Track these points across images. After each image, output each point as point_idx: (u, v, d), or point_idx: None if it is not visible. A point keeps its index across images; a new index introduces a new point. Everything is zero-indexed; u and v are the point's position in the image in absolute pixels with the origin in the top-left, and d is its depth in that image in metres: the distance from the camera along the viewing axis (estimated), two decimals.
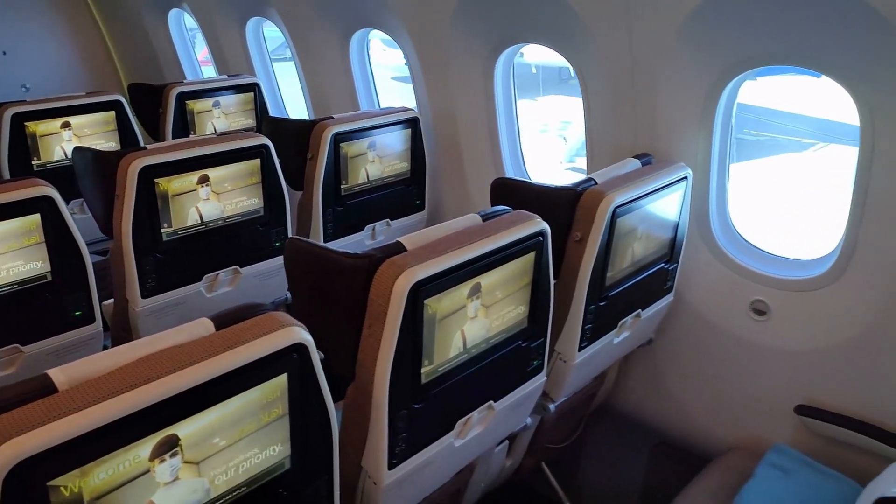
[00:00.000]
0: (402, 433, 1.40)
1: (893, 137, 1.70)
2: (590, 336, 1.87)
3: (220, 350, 1.01)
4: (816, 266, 2.02)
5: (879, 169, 1.74)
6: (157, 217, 2.05)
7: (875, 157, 1.75)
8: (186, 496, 1.02)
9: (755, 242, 2.19)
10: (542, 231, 1.55)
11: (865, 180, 1.77)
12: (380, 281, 1.30)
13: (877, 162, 1.75)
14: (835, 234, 1.97)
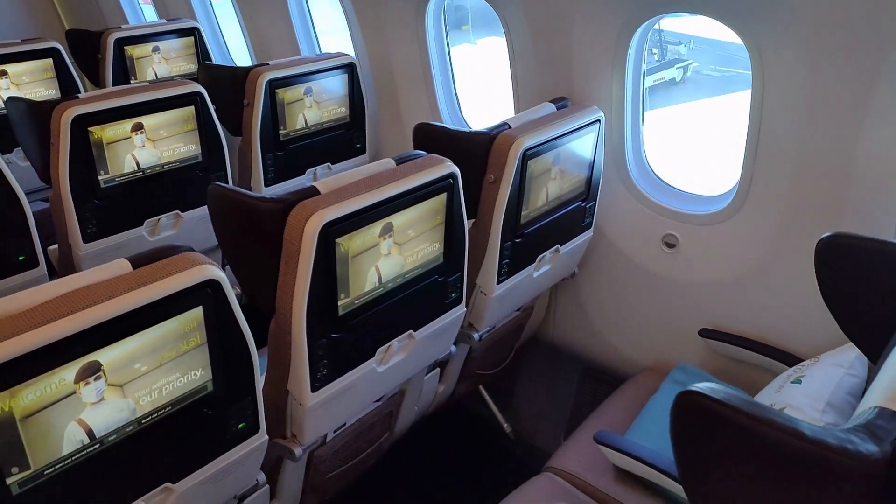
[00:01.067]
0: (323, 360, 1.54)
1: (779, 79, 1.83)
2: (507, 270, 2.02)
3: (135, 286, 1.13)
4: (719, 201, 2.18)
5: (769, 108, 1.88)
6: (93, 165, 2.11)
7: (765, 97, 1.88)
8: (113, 415, 1.15)
9: (668, 181, 2.34)
10: (453, 174, 1.66)
11: (757, 119, 1.91)
12: (292, 223, 1.41)
13: (766, 101, 1.88)
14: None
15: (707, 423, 0.85)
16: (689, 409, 0.86)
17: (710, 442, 0.87)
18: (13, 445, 1.03)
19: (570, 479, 1.90)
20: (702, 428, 0.86)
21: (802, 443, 0.78)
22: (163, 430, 1.24)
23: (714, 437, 0.86)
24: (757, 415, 0.80)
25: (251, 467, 1.49)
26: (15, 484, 1.05)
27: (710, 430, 0.86)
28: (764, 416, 0.80)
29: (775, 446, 0.80)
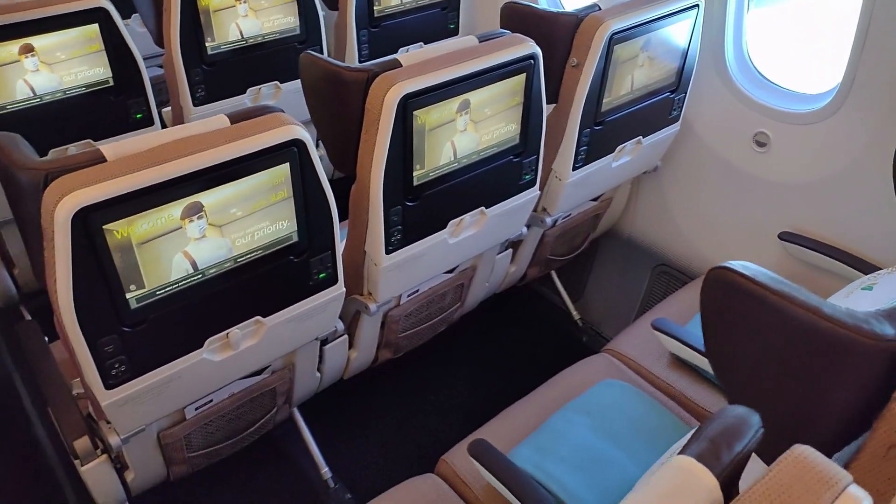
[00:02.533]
0: (397, 226, 1.66)
1: None
2: (584, 158, 2.04)
3: (232, 139, 1.27)
4: (818, 100, 2.07)
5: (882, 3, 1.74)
6: (201, 31, 2.25)
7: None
8: (213, 251, 1.33)
9: (768, 75, 2.23)
10: (533, 54, 1.68)
11: (868, 14, 1.78)
12: (374, 93, 1.50)
13: None
14: None
15: (733, 296, 0.91)
16: (717, 282, 0.91)
17: (736, 314, 0.93)
18: (131, 266, 1.22)
19: (625, 361, 2.00)
20: (728, 300, 0.92)
21: (821, 319, 0.83)
22: (255, 270, 1.41)
23: (739, 310, 0.92)
24: (779, 290, 0.85)
25: (330, 315, 1.67)
26: (133, 299, 1.26)
27: (736, 303, 0.91)
28: (785, 292, 0.85)
29: (795, 321, 0.85)
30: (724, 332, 0.96)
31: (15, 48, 1.94)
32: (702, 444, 0.69)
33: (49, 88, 2.07)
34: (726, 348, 0.96)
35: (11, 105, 2.01)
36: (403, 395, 2.53)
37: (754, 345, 0.93)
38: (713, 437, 0.70)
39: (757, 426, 0.71)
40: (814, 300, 0.85)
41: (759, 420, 0.72)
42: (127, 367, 1.32)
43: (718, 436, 0.70)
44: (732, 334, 0.95)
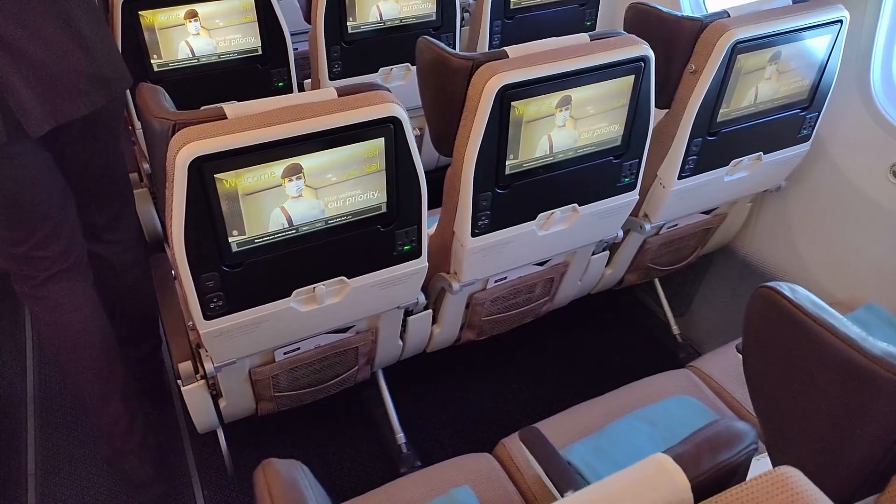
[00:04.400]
0: (486, 210, 1.73)
1: None
2: (693, 167, 1.99)
3: (335, 110, 1.39)
4: None
5: None
6: (344, 10, 2.42)
7: None
8: (307, 210, 1.46)
9: None
10: (645, 57, 1.66)
11: None
12: (476, 81, 1.56)
13: None
14: None
15: (775, 317, 0.89)
16: (762, 301, 0.90)
17: (776, 336, 0.91)
18: (235, 214, 1.38)
19: (706, 380, 1.94)
20: (770, 321, 0.90)
21: (857, 353, 0.80)
22: (343, 233, 1.54)
23: (778, 332, 0.90)
24: (819, 318, 0.83)
25: (412, 286, 1.77)
26: (234, 243, 1.42)
27: (776, 325, 0.89)
28: (825, 320, 0.82)
29: (831, 351, 0.82)
30: (763, 355, 0.93)
31: (182, 13, 2.22)
32: (685, 446, 0.70)
33: (206, 51, 2.33)
34: (763, 371, 0.94)
35: (173, 63, 2.28)
36: (482, 379, 2.60)
37: (791, 370, 0.90)
38: (699, 441, 0.71)
39: (749, 441, 0.71)
40: (854, 332, 0.81)
41: (754, 436, 0.72)
42: (224, 302, 1.49)
43: (705, 442, 0.70)
44: (770, 357, 0.92)
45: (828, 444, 0.87)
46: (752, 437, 0.72)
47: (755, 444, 0.72)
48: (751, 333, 0.94)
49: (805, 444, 0.71)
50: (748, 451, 0.71)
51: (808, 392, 0.89)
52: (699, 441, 0.71)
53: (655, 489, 0.67)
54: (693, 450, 0.70)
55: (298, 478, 0.69)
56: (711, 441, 0.71)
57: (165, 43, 2.25)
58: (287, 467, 0.70)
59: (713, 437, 0.71)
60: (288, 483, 0.68)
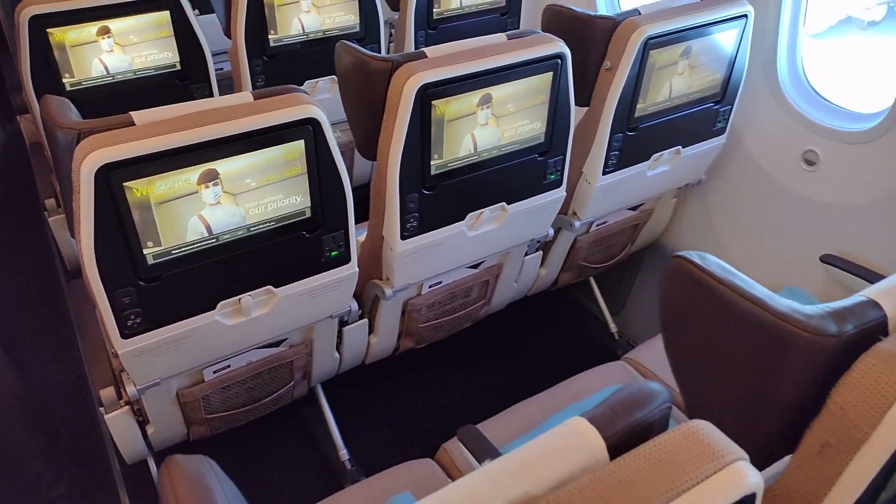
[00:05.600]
0: (414, 213, 1.72)
1: None
2: (616, 163, 2.03)
3: (251, 113, 1.36)
4: (870, 119, 1.98)
5: None
6: (264, 23, 2.40)
7: None
8: (227, 217, 1.42)
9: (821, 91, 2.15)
10: (561, 54, 1.70)
11: None
12: (395, 82, 1.56)
13: None
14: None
15: (688, 286, 0.90)
16: (675, 272, 0.91)
17: (690, 304, 0.92)
18: (149, 224, 1.33)
19: (641, 371, 1.97)
20: (684, 289, 0.92)
21: (766, 312, 0.82)
22: (267, 240, 1.50)
23: (693, 300, 0.91)
24: (728, 281, 0.85)
25: (344, 293, 1.74)
26: (150, 255, 1.37)
27: (690, 293, 0.91)
28: (734, 284, 0.84)
29: (742, 313, 0.84)
30: (680, 324, 0.95)
31: (94, 29, 2.14)
32: (600, 408, 0.70)
33: (121, 68, 2.26)
34: (681, 340, 0.96)
35: (87, 81, 2.20)
36: (424, 387, 2.57)
37: (706, 336, 0.92)
38: (613, 404, 0.71)
39: (662, 400, 0.71)
40: (761, 293, 0.83)
41: (667, 395, 0.72)
42: (142, 319, 1.43)
43: (618, 403, 0.71)
44: (687, 326, 0.94)
45: (744, 406, 0.88)
46: (665, 396, 0.72)
47: (668, 402, 0.72)
48: (667, 304, 0.95)
49: (724, 409, 0.72)
50: (661, 410, 0.71)
51: (723, 355, 0.90)
52: (613, 403, 0.71)
53: (572, 450, 0.66)
54: (607, 411, 0.70)
55: (205, 472, 0.65)
56: (624, 402, 0.71)
57: (77, 61, 2.17)
58: (193, 462, 0.66)
59: (626, 398, 0.71)
60: (194, 479, 0.64)
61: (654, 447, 0.65)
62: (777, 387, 0.83)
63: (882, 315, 0.83)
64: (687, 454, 0.64)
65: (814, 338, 0.79)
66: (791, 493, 0.83)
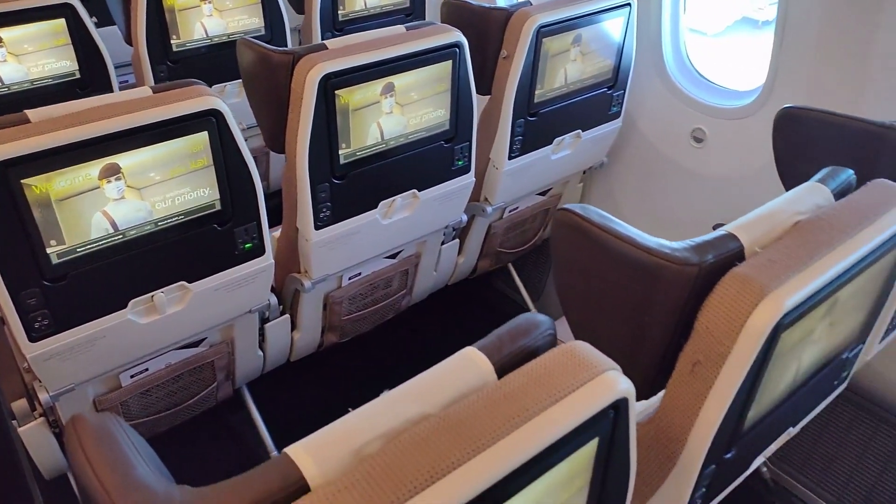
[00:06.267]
0: (326, 202, 1.75)
1: None
2: (521, 147, 2.12)
3: (150, 106, 1.37)
4: (747, 96, 2.16)
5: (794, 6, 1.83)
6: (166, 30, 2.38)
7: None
8: (132, 212, 1.42)
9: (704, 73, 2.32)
10: (458, 43, 1.77)
11: (784, 12, 1.87)
12: (298, 73, 1.59)
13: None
14: None
15: (571, 234, 0.98)
16: (559, 223, 0.99)
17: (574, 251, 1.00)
18: (51, 222, 1.32)
19: None
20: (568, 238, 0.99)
21: (636, 249, 0.90)
22: (177, 235, 1.50)
23: (576, 247, 0.99)
24: (602, 224, 0.93)
25: (260, 287, 1.76)
26: (53, 254, 1.35)
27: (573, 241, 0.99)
28: (607, 226, 0.92)
29: (616, 252, 0.92)
30: (567, 271, 1.03)
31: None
32: (489, 339, 0.77)
33: (17, 79, 2.19)
34: (570, 287, 1.03)
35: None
36: (351, 380, 2.59)
37: (592, 281, 1.00)
38: (500, 333, 0.77)
39: (545, 328, 0.78)
40: (633, 233, 0.92)
41: (549, 323, 0.79)
42: (50, 321, 1.40)
43: (505, 332, 0.77)
44: (573, 272, 1.02)
45: (629, 341, 0.97)
46: (548, 324, 0.79)
47: (552, 330, 0.79)
48: (557, 256, 1.03)
49: (612, 347, 0.79)
50: (545, 336, 0.78)
51: (607, 297, 0.98)
52: (501, 332, 0.78)
53: (463, 374, 0.72)
54: (495, 340, 0.76)
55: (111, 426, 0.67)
56: (511, 331, 0.78)
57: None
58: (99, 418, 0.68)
59: (512, 327, 0.78)
60: (100, 431, 0.66)
61: (536, 365, 0.71)
62: (653, 317, 0.91)
63: (739, 245, 0.93)
64: (564, 368, 0.71)
65: (679, 268, 0.87)
66: (671, 413, 0.92)
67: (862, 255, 0.93)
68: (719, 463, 0.97)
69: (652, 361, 0.94)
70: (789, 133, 1.33)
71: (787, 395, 1.03)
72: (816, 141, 1.29)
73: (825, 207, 1.01)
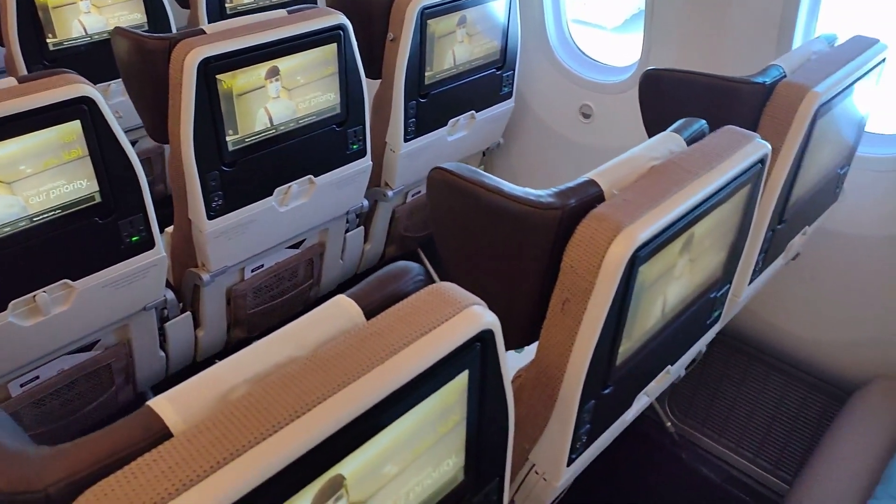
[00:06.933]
0: (217, 191, 1.72)
1: None
2: (416, 130, 2.15)
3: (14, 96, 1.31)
4: (627, 70, 2.27)
5: None
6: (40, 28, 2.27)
7: None
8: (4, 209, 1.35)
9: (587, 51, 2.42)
10: (342, 25, 1.78)
11: None
12: (175, 58, 1.56)
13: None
14: None
15: (444, 191, 1.01)
16: (432, 182, 1.02)
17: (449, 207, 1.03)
18: None
19: None
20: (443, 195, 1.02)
21: (502, 198, 0.94)
22: (56, 230, 1.44)
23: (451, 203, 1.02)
24: (471, 177, 0.96)
25: (153, 282, 1.71)
26: None
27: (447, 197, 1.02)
28: (479, 180, 0.96)
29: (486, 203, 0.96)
30: (445, 227, 1.06)
31: None
32: (360, 286, 0.79)
33: None
34: (448, 243, 1.07)
35: None
36: None
37: (467, 235, 1.04)
38: (371, 280, 0.80)
39: (415, 273, 0.81)
40: (500, 183, 0.96)
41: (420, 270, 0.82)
42: None
43: (375, 279, 0.80)
44: (450, 228, 1.05)
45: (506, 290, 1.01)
46: (419, 270, 0.82)
47: (421, 276, 0.82)
48: (433, 215, 1.06)
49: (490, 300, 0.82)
50: (415, 282, 0.80)
51: (482, 249, 1.02)
52: (370, 279, 0.80)
53: (332, 319, 0.74)
54: (365, 286, 0.78)
55: None
56: (380, 277, 0.80)
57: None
58: None
59: (382, 274, 0.80)
60: None
61: (404, 305, 0.74)
62: (525, 263, 0.95)
63: (599, 190, 0.99)
64: (430, 306, 0.73)
65: (544, 212, 0.92)
66: (548, 352, 0.96)
67: (710, 193, 1.01)
68: (598, 398, 1.02)
69: (530, 308, 0.98)
70: (653, 94, 1.41)
71: (659, 331, 1.10)
72: (677, 99, 1.37)
73: (678, 152, 1.08)
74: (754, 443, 2.07)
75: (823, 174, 1.54)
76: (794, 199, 1.41)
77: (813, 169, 1.43)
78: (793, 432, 2.03)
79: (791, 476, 1.95)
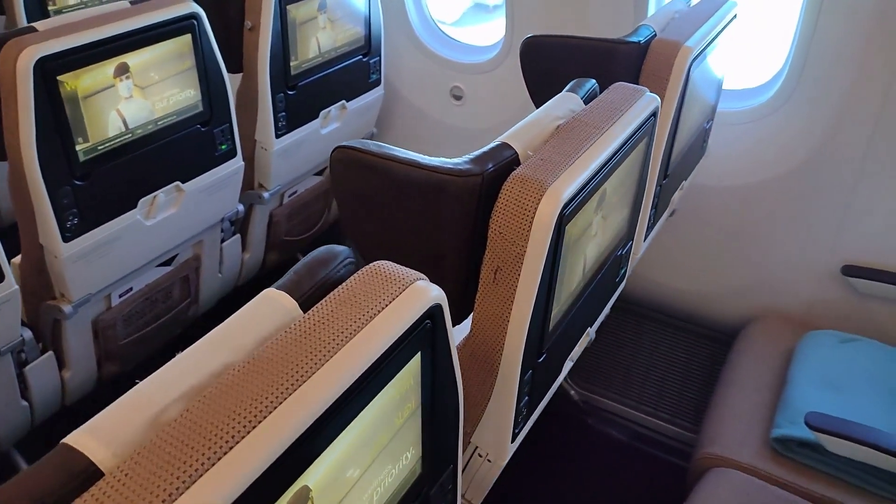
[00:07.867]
0: (71, 209, 1.52)
1: None
2: (286, 125, 2.04)
3: None
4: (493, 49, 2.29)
5: None
6: None
7: None
8: None
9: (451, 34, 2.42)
10: (194, 14, 1.63)
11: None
12: (4, 60, 1.35)
13: None
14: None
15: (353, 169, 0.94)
16: (339, 160, 0.94)
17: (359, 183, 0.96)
18: None
19: None
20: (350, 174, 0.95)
21: (419, 169, 0.88)
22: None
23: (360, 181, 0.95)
24: (386, 154, 0.90)
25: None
26: None
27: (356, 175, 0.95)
28: (390, 154, 0.90)
29: (401, 177, 0.90)
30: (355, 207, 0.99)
31: None
32: (286, 276, 0.70)
33: None
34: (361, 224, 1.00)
35: None
36: None
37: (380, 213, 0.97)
38: (297, 269, 0.72)
39: (344, 256, 0.74)
40: (412, 155, 0.91)
41: (348, 252, 0.75)
42: None
43: (302, 266, 0.72)
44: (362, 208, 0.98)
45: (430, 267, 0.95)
46: (347, 252, 0.75)
47: (351, 258, 0.75)
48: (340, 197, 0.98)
49: None
50: (345, 265, 0.73)
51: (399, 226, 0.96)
52: (297, 268, 0.72)
53: (266, 316, 0.65)
54: (293, 276, 0.70)
55: None
56: (308, 264, 0.72)
57: None
58: None
59: (309, 261, 0.72)
60: None
61: (342, 291, 0.66)
62: (448, 235, 0.91)
63: (513, 152, 0.96)
64: (371, 288, 0.67)
65: (463, 179, 0.88)
66: (484, 324, 0.92)
67: (618, 146, 1.02)
68: (535, 368, 1.00)
69: (458, 282, 0.93)
70: (534, 59, 1.41)
71: (580, 292, 1.10)
72: (558, 62, 1.38)
73: (579, 111, 1.08)
74: (654, 398, 2.17)
75: (694, 130, 1.63)
76: (675, 154, 1.47)
77: (687, 124, 1.50)
78: (687, 382, 2.14)
79: (692, 424, 2.06)
